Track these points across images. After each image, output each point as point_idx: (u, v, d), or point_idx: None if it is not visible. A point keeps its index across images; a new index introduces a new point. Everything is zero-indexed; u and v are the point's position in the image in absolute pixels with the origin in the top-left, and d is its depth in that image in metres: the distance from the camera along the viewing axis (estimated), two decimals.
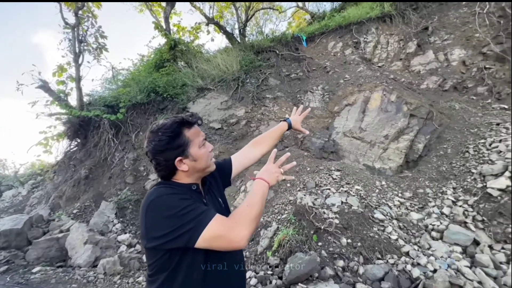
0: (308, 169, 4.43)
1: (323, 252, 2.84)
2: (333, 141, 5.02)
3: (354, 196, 3.68)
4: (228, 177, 1.35)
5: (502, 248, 2.71)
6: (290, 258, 2.67)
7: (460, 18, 6.18)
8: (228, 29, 7.86)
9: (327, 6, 9.71)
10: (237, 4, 8.15)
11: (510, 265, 2.46)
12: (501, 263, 2.56)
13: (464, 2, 6.34)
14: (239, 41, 7.66)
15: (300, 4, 10.02)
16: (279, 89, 6.06)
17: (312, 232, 3.08)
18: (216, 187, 1.24)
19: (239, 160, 1.41)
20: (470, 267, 2.56)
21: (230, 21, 8.16)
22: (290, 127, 1.58)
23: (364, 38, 6.85)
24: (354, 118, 5.03)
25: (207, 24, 8.51)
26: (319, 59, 6.75)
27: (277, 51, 6.89)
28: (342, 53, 6.74)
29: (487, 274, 2.45)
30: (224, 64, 6.27)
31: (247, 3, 8.01)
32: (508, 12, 5.53)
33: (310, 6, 9.98)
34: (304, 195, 3.74)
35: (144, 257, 3.80)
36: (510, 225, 2.78)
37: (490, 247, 2.75)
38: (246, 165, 1.44)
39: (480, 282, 2.38)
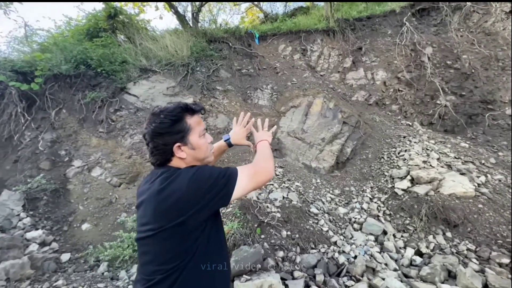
0: None
1: (265, 244, 2.99)
2: (278, 139, 5.30)
3: (294, 192, 3.98)
4: None
5: (401, 236, 3.40)
6: (235, 251, 2.72)
7: (385, 45, 7.36)
8: (180, 10, 7.29)
9: (280, 9, 10.09)
10: None
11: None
12: (400, 248, 3.22)
13: (389, 32, 7.59)
14: (191, 25, 7.21)
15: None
16: (229, 82, 6.00)
17: (256, 225, 3.20)
18: None
19: None
20: (380, 252, 3.13)
21: (184, 2, 7.57)
22: (230, 145, 1.41)
23: (311, 47, 7.43)
24: (297, 120, 5.42)
25: None
26: (270, 59, 6.97)
27: (230, 44, 6.79)
28: (291, 57, 7.14)
29: (391, 257, 3.05)
30: (174, 47, 5.81)
31: None
32: (418, 47, 6.89)
33: (264, 5, 10.17)
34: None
35: (64, 257, 3.24)
36: (410, 219, 3.51)
37: (394, 235, 3.43)
38: None
39: (386, 264, 2.94)
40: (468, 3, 6.87)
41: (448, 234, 3.22)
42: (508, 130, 5.50)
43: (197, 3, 7.49)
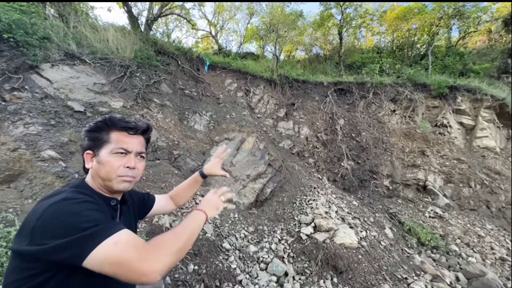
0: (174, 187, 4.30)
1: (167, 278, 2.72)
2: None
3: (210, 223, 3.89)
4: (146, 212, 1.25)
5: (299, 278, 3.70)
6: None
7: (312, 107, 8.75)
8: (134, 11, 6.91)
9: (234, 48, 10.87)
10: None
11: None
12: None
13: (317, 98, 9.12)
14: (143, 30, 6.86)
15: (213, 32, 10.57)
16: (169, 98, 5.78)
17: None
18: (133, 215, 1.10)
19: (161, 204, 1.34)
20: None
21: (140, 5, 7.23)
22: (203, 176, 1.49)
23: (254, 90, 8.11)
24: (229, 153, 5.55)
25: None
26: (215, 88, 7.19)
27: (179, 62, 6.73)
28: (234, 93, 7.55)
29: None
30: (116, 44, 5.32)
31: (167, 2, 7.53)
32: (334, 117, 8.47)
33: (220, 39, 10.76)
34: (163, 215, 3.55)
35: None
36: (308, 262, 3.88)
37: (293, 277, 3.69)
38: (161, 212, 1.41)
39: None
40: (371, 95, 9.11)
41: (335, 280, 3.69)
42: (383, 197, 7.10)
43: (155, 11, 7.30)
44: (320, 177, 7.00)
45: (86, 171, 0.94)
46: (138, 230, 3.15)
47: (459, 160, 7.64)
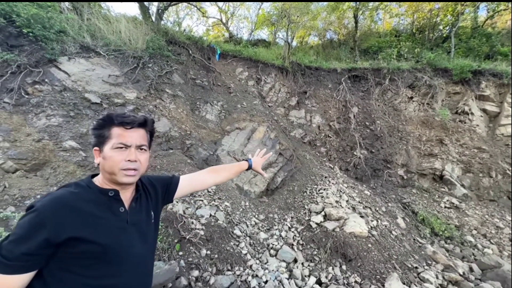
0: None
1: (182, 262, 2.88)
2: (217, 156, 5.34)
3: (222, 211, 4.02)
4: (172, 194, 1.28)
5: (308, 265, 3.79)
6: None
7: (325, 95, 8.56)
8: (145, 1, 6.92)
9: (245, 35, 10.69)
10: None
11: (313, 278, 3.48)
12: (305, 276, 3.57)
13: (330, 86, 8.90)
14: (153, 20, 6.88)
15: (224, 19, 10.42)
16: (181, 88, 5.86)
17: (176, 241, 3.07)
18: (154, 200, 1.15)
19: (192, 181, 1.36)
20: (288, 279, 3.39)
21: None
22: (250, 167, 1.67)
23: (265, 78, 8.02)
24: (240, 142, 5.62)
25: None
26: (226, 78, 7.18)
27: (190, 51, 6.74)
28: (245, 82, 7.51)
29: (296, 284, 3.34)
30: (128, 35, 5.40)
31: None
32: (348, 105, 8.26)
33: (231, 27, 10.59)
34: (177, 202, 3.70)
35: None
36: (317, 250, 3.96)
37: (302, 264, 3.78)
38: (198, 188, 1.43)
39: None
40: (387, 82, 8.76)
41: (344, 267, 3.76)
42: (397, 187, 6.98)
43: (166, 1, 7.28)
44: (332, 166, 6.95)
45: (98, 166, 1.02)
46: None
47: (479, 149, 7.30)
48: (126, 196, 1.02)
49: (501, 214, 6.14)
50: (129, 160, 0.94)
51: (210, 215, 3.79)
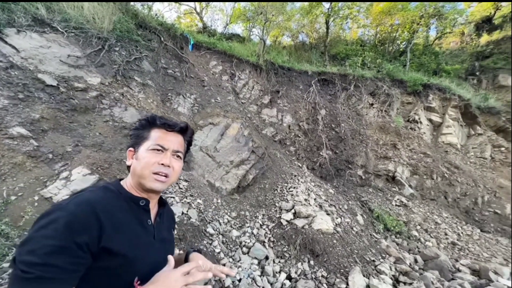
0: None
1: None
2: (189, 152, 5.13)
3: (195, 208, 3.91)
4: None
5: (279, 261, 3.91)
6: None
7: (296, 96, 8.82)
8: None
9: (219, 27, 10.40)
10: None
11: (284, 275, 3.60)
12: (276, 272, 3.68)
13: (301, 87, 9.19)
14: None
15: (198, 8, 9.98)
16: (151, 77, 5.47)
17: None
18: (169, 221, 1.09)
19: None
20: (260, 276, 3.46)
21: None
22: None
23: (239, 74, 7.94)
24: (213, 138, 5.50)
25: None
26: (200, 70, 6.92)
27: (162, 38, 6.32)
28: (219, 77, 7.34)
29: (268, 281, 3.43)
30: (93, 12, 4.83)
31: None
32: (317, 107, 8.64)
33: (205, 17, 10.21)
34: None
35: None
36: (288, 247, 4.10)
37: (273, 261, 3.89)
38: None
39: (263, 287, 3.27)
40: (352, 88, 9.38)
41: (312, 262, 3.97)
42: (357, 186, 7.58)
43: None
44: (300, 165, 7.23)
45: (128, 169, 0.94)
46: None
47: (425, 154, 8.30)
48: (152, 209, 0.94)
49: (439, 211, 7.10)
50: (162, 164, 0.87)
51: (182, 213, 3.66)
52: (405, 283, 3.90)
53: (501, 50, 14.08)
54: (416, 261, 4.90)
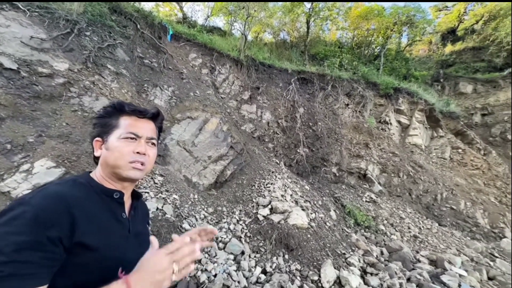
0: None
1: None
2: (165, 146, 4.99)
3: (170, 204, 3.81)
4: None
5: (255, 256, 3.96)
6: None
7: (276, 93, 8.91)
8: None
9: (200, 19, 10.12)
10: None
11: (259, 268, 3.66)
12: (252, 267, 3.73)
13: (281, 84, 9.29)
14: None
15: None
16: (126, 66, 5.19)
17: None
18: (144, 215, 1.03)
19: None
20: (236, 271, 3.49)
21: None
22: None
23: (219, 68, 7.82)
24: (191, 132, 5.38)
25: None
26: (178, 62, 6.70)
27: (139, 26, 6.01)
28: (199, 70, 7.17)
29: (244, 275, 3.46)
30: None
31: None
32: (295, 105, 8.80)
33: (186, 7, 9.88)
34: None
35: None
36: (264, 241, 4.17)
37: (249, 256, 3.93)
38: None
39: (239, 282, 3.30)
40: (329, 88, 9.68)
41: (286, 256, 4.08)
42: (331, 183, 7.89)
43: None
44: (278, 162, 7.34)
45: (96, 161, 0.88)
46: None
47: (393, 153, 8.85)
48: (125, 201, 0.89)
49: (404, 207, 7.64)
50: (138, 152, 0.83)
51: (157, 208, 3.56)
52: (371, 274, 4.16)
53: (462, 60, 15.38)
54: (382, 253, 5.24)
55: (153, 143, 0.90)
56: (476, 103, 13.46)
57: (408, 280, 4.22)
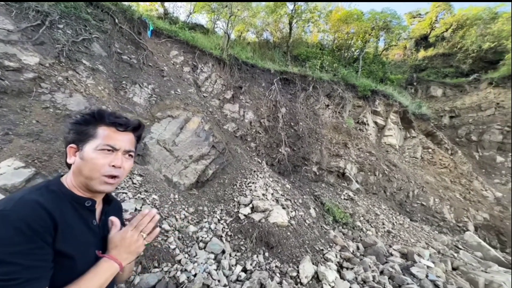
0: None
1: None
2: (144, 144, 4.87)
3: (149, 204, 3.74)
4: None
5: (235, 255, 4.00)
6: None
7: (258, 93, 8.97)
8: None
9: (182, 16, 9.93)
10: None
11: (239, 267, 3.70)
12: (232, 265, 3.76)
13: (263, 84, 9.37)
14: None
15: None
16: (102, 62, 4.99)
17: None
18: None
19: None
20: (216, 270, 3.50)
21: None
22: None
23: (202, 67, 7.74)
24: (171, 131, 5.29)
25: None
26: (159, 59, 6.55)
27: (117, 20, 5.80)
28: (181, 67, 7.05)
29: (224, 274, 3.49)
30: None
31: None
32: (278, 105, 8.93)
33: (167, 3, 9.65)
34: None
35: None
36: (244, 240, 4.21)
37: (230, 254, 3.96)
38: None
39: (219, 280, 3.33)
40: (310, 89, 9.91)
41: (266, 254, 4.15)
42: (311, 181, 8.10)
43: None
44: (260, 161, 7.42)
45: (68, 166, 0.86)
46: None
47: (370, 153, 9.26)
48: (96, 207, 0.89)
49: (379, 204, 8.03)
50: (113, 166, 0.82)
51: (136, 209, 3.48)
52: (347, 268, 4.35)
53: (434, 65, 16.37)
54: (358, 248, 5.48)
55: (130, 155, 0.90)
56: (445, 106, 14.41)
57: (381, 273, 4.47)
